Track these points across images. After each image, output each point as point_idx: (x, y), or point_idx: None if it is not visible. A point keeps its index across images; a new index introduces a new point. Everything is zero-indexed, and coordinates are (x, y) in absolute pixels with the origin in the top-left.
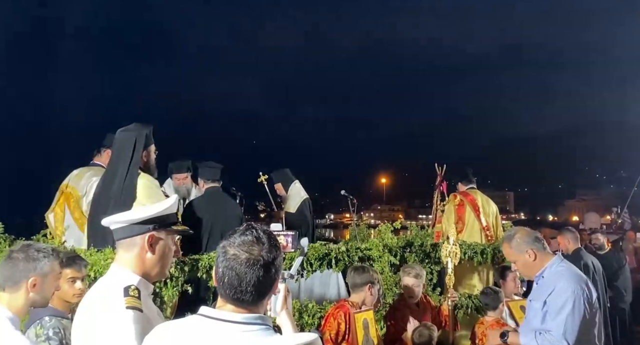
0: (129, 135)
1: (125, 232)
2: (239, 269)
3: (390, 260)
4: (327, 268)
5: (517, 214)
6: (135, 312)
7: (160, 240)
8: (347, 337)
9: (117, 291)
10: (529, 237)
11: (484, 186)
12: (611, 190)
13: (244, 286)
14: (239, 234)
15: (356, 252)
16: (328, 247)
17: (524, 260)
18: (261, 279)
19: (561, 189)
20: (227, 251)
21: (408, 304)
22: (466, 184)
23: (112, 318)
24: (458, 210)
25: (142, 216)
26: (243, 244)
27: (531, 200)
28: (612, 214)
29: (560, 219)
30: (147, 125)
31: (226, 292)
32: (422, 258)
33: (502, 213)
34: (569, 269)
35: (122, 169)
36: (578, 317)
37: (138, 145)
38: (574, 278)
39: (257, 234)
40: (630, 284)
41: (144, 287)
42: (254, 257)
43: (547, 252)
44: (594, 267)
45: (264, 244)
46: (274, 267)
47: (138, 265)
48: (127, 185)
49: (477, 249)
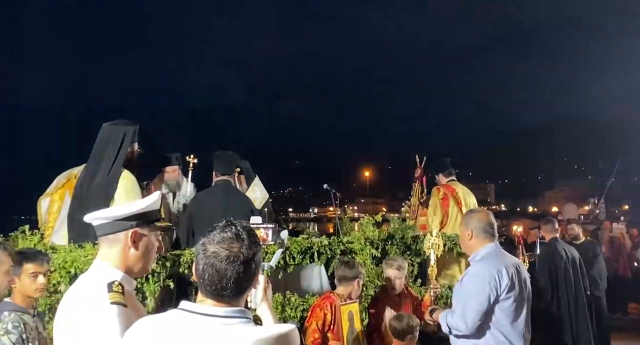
0: (118, 129)
1: (108, 228)
2: (219, 266)
3: (372, 253)
4: (310, 261)
5: (498, 205)
6: (119, 307)
7: (143, 237)
8: (333, 328)
9: (100, 287)
10: (481, 221)
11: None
12: (589, 181)
13: (225, 282)
14: (219, 231)
15: (338, 246)
16: (310, 240)
17: (462, 236)
18: (241, 275)
19: (540, 181)
20: (207, 248)
21: (389, 296)
22: (447, 176)
23: (97, 314)
24: (442, 204)
25: (125, 213)
26: (223, 241)
27: (511, 191)
28: (589, 204)
29: (540, 210)
30: (133, 123)
31: (207, 288)
32: (403, 250)
33: (483, 204)
34: (493, 254)
35: (107, 163)
36: (479, 301)
37: (126, 141)
38: (489, 263)
39: (236, 231)
40: (605, 273)
41: (127, 283)
42: (234, 254)
43: (486, 239)
44: (567, 256)
45: (244, 240)
46: (253, 262)
47: (121, 262)
48: (110, 180)
49: (457, 240)
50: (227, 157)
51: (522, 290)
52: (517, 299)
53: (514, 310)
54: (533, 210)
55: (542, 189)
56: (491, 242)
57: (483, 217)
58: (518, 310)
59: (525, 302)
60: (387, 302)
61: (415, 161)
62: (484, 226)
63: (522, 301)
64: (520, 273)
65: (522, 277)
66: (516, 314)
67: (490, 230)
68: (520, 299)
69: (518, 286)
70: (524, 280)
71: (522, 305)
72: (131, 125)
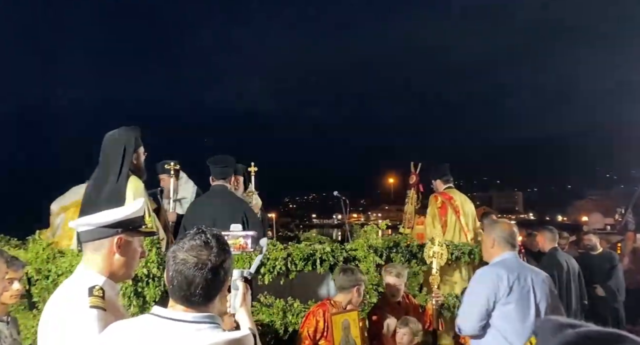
0: (120, 138)
1: (92, 234)
2: (188, 273)
3: (376, 261)
4: (312, 268)
5: (526, 214)
6: (98, 311)
7: (128, 243)
8: (326, 335)
9: (82, 291)
10: (503, 231)
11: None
12: (621, 190)
13: (193, 289)
14: (189, 238)
15: (341, 253)
16: (313, 247)
17: (485, 244)
18: (209, 281)
19: (570, 189)
20: (176, 255)
21: (389, 303)
22: (445, 183)
23: (76, 317)
24: (440, 212)
25: (110, 220)
26: (192, 249)
27: (540, 200)
28: (616, 214)
29: (569, 219)
30: (135, 129)
31: (176, 294)
32: (409, 258)
33: (510, 213)
34: (505, 262)
35: (113, 175)
36: (478, 302)
37: (128, 149)
38: (493, 268)
39: (205, 238)
40: (624, 284)
41: (110, 288)
42: (202, 261)
43: (506, 248)
44: (568, 267)
45: (212, 247)
46: (222, 269)
47: (105, 267)
48: (118, 187)
49: (465, 249)
50: (223, 162)
51: (528, 298)
52: (519, 304)
53: (515, 314)
54: (562, 220)
55: (572, 198)
56: (510, 251)
57: (506, 227)
58: (521, 316)
59: (532, 311)
60: (387, 310)
61: (410, 168)
62: (506, 236)
63: (527, 307)
64: (531, 281)
65: (533, 285)
66: (518, 319)
67: (511, 241)
68: (524, 305)
69: (520, 292)
70: (535, 289)
71: (528, 310)
72: (132, 131)
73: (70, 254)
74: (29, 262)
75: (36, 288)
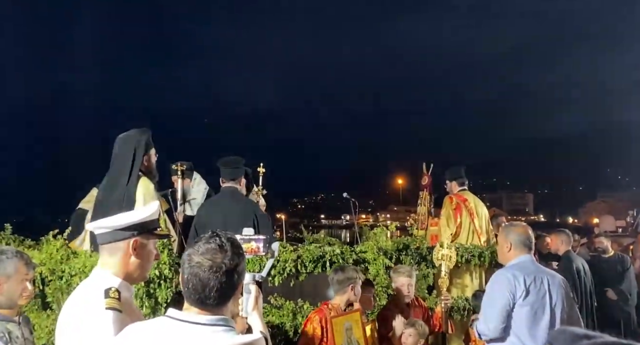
0: (130, 141)
1: (109, 237)
2: (203, 276)
3: (385, 263)
4: (322, 270)
5: (537, 216)
6: (114, 312)
7: (143, 245)
8: (326, 341)
9: (98, 293)
10: (520, 234)
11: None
12: (633, 192)
13: (207, 292)
14: (204, 242)
15: (351, 255)
16: (323, 249)
17: (501, 247)
18: (224, 284)
19: (582, 191)
20: (191, 258)
21: (398, 305)
22: (460, 185)
23: (92, 318)
24: (455, 214)
25: (126, 222)
26: (207, 252)
27: (551, 201)
28: (627, 216)
29: (581, 221)
30: (146, 131)
31: (191, 296)
32: (419, 261)
33: (520, 214)
34: (521, 264)
35: (124, 178)
36: (498, 304)
37: (138, 152)
38: (510, 271)
39: (220, 242)
40: (636, 288)
41: (126, 289)
42: (216, 264)
43: (523, 251)
44: (583, 270)
45: (227, 251)
46: (236, 273)
47: (121, 269)
48: (129, 190)
49: (475, 251)
50: (232, 163)
51: (543, 301)
52: (534, 307)
53: (531, 317)
54: (573, 222)
55: (583, 199)
56: (526, 254)
57: (522, 231)
58: (537, 318)
59: (547, 313)
60: (396, 311)
61: (422, 169)
62: (523, 239)
63: (543, 311)
64: (547, 284)
65: (549, 289)
66: (534, 322)
67: (527, 244)
68: (539, 308)
69: (537, 296)
70: (551, 292)
71: (542, 315)
72: (143, 134)
73: (83, 255)
74: (43, 262)
75: (50, 288)
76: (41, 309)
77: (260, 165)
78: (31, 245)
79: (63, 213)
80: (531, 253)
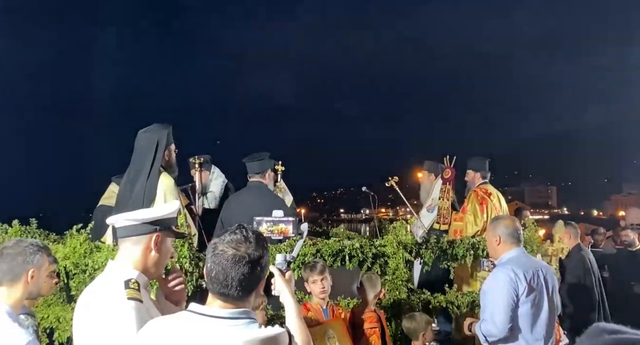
0: (151, 137)
1: (131, 230)
2: (225, 265)
3: (405, 257)
4: (341, 264)
5: (560, 209)
6: (136, 302)
7: (164, 241)
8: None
9: (118, 284)
10: (508, 227)
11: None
12: None
13: (229, 281)
14: (229, 232)
15: (370, 249)
16: (342, 243)
17: (490, 241)
18: (246, 275)
19: (607, 183)
20: (216, 247)
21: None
22: (483, 178)
23: (114, 308)
24: (481, 209)
25: (152, 217)
26: (231, 242)
27: (575, 194)
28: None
29: (606, 214)
30: (167, 126)
31: (213, 286)
32: (439, 255)
33: (544, 208)
34: (516, 259)
35: (145, 171)
36: (504, 302)
37: (160, 146)
38: (509, 267)
39: (245, 234)
40: None
41: (143, 282)
42: (240, 253)
43: (513, 244)
44: (590, 264)
45: (251, 242)
46: (259, 265)
47: (140, 262)
48: (149, 185)
49: None
50: (257, 156)
51: (542, 294)
52: (535, 302)
53: (532, 314)
54: (598, 214)
55: (609, 192)
56: (517, 247)
57: (509, 223)
58: (537, 313)
59: (545, 306)
60: None
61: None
62: (512, 232)
63: (542, 305)
64: (543, 276)
65: (545, 281)
66: (534, 318)
67: (516, 236)
68: (540, 303)
69: (537, 290)
70: (547, 284)
71: (542, 308)
72: (164, 129)
73: (106, 249)
74: (67, 256)
75: (74, 282)
76: (66, 302)
77: (279, 163)
78: (56, 239)
79: (83, 209)
80: (521, 245)
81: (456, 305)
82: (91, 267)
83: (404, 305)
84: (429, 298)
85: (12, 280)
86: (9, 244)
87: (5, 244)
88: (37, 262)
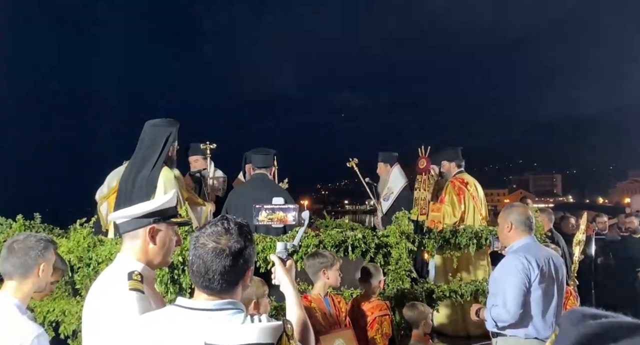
0: (163, 130)
1: (128, 225)
2: (206, 258)
3: (408, 247)
4: (344, 255)
5: (565, 197)
6: (137, 293)
7: (160, 232)
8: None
9: (121, 276)
10: (520, 215)
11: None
12: None
13: (211, 274)
14: (210, 225)
15: (373, 239)
16: (344, 234)
17: (502, 228)
18: (228, 268)
19: (612, 171)
20: (197, 240)
21: None
22: (458, 167)
23: (117, 299)
24: (459, 199)
25: (143, 211)
26: (212, 234)
27: (580, 182)
28: None
29: (611, 201)
30: (175, 122)
31: (196, 280)
32: (442, 244)
33: (548, 196)
34: (528, 247)
35: (151, 162)
36: (517, 288)
37: (169, 142)
38: (522, 254)
39: (227, 225)
40: None
41: (147, 274)
42: (220, 246)
43: (524, 232)
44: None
45: (233, 234)
46: (241, 257)
47: (142, 255)
48: (152, 176)
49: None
50: (264, 152)
51: (552, 282)
52: (546, 290)
53: (542, 301)
54: (604, 202)
55: (614, 179)
56: (528, 235)
57: (522, 211)
58: (547, 300)
59: (555, 293)
60: None
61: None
62: (523, 220)
63: (552, 292)
64: (553, 265)
65: (555, 270)
66: (545, 305)
67: (528, 224)
68: (550, 291)
69: (548, 278)
70: (557, 272)
71: (552, 296)
72: (174, 126)
73: (109, 243)
74: (71, 250)
75: (78, 275)
76: (71, 295)
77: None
78: (60, 234)
79: (87, 204)
80: (532, 234)
81: (459, 294)
82: (95, 261)
83: (408, 294)
84: (432, 287)
85: (23, 274)
86: (19, 238)
87: (14, 237)
88: (47, 257)
